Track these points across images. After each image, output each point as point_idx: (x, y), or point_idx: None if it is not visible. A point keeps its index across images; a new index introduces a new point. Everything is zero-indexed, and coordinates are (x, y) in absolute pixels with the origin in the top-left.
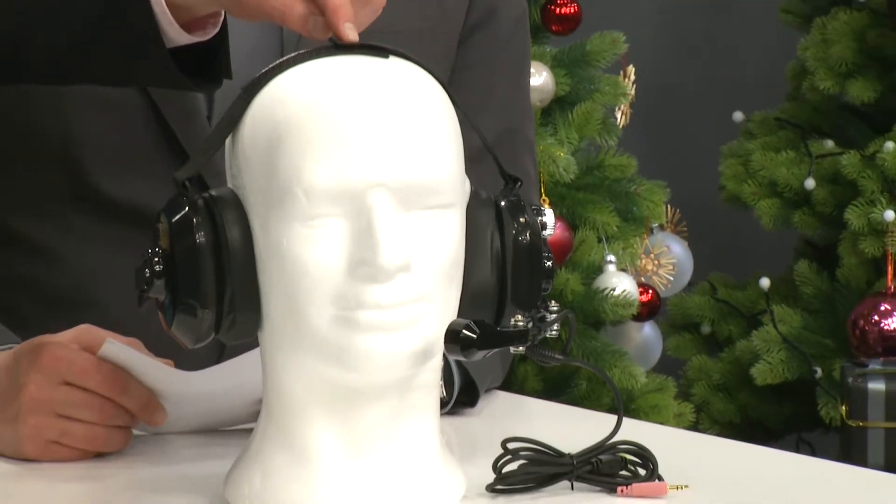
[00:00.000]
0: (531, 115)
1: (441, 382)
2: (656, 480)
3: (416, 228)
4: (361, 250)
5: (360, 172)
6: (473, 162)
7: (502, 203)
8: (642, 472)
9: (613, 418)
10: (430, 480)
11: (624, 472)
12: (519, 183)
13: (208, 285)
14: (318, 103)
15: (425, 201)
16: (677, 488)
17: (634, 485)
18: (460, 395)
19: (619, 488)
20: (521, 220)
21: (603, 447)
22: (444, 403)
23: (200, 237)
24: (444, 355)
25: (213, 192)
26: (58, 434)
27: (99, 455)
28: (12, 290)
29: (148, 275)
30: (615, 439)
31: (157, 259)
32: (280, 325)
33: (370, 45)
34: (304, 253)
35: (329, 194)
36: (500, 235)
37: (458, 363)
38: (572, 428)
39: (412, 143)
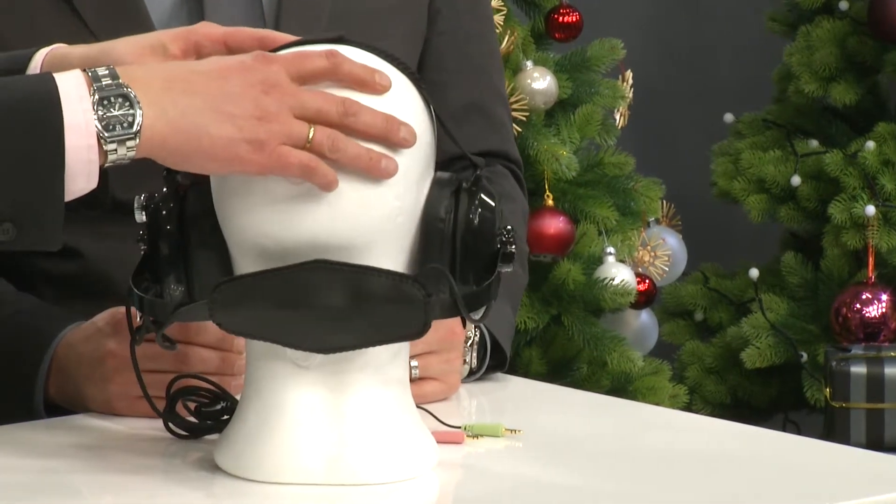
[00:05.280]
0: (501, 66)
1: (471, 353)
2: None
3: None
4: None
5: None
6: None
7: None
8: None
9: (608, 399)
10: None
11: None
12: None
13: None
14: None
15: None
16: (512, 431)
17: (434, 432)
18: (490, 360)
19: None
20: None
21: None
22: (474, 372)
23: None
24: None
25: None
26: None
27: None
28: (35, 283)
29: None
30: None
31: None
32: None
33: (331, 38)
34: None
35: None
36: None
37: (489, 331)
38: (574, 409)
39: None
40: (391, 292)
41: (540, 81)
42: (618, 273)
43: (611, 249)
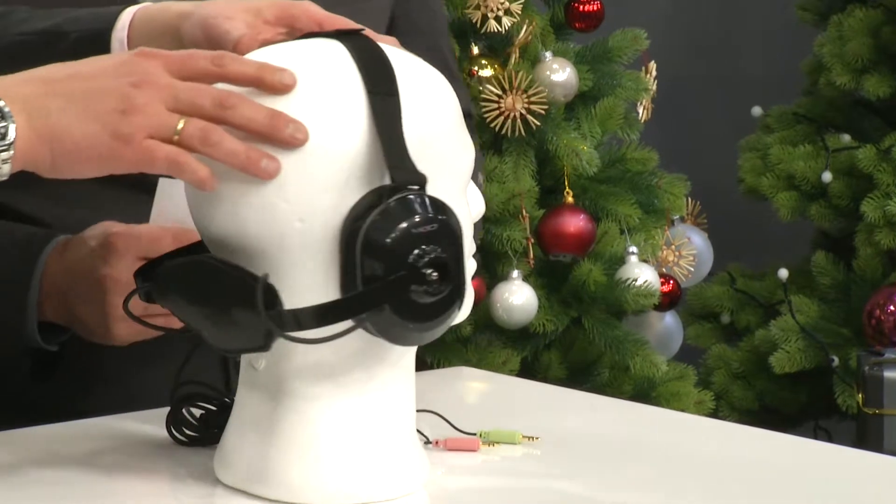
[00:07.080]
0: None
1: None
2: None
3: None
4: None
5: None
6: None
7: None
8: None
9: (630, 405)
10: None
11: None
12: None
13: None
14: None
15: None
16: (529, 439)
17: (448, 439)
18: None
19: (433, 441)
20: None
21: None
22: None
23: None
24: None
25: None
26: (142, 309)
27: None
28: None
29: None
30: None
31: None
32: None
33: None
34: None
35: None
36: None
37: None
38: (594, 415)
39: None
40: (237, 298)
41: (559, 73)
42: (641, 273)
43: (633, 249)
